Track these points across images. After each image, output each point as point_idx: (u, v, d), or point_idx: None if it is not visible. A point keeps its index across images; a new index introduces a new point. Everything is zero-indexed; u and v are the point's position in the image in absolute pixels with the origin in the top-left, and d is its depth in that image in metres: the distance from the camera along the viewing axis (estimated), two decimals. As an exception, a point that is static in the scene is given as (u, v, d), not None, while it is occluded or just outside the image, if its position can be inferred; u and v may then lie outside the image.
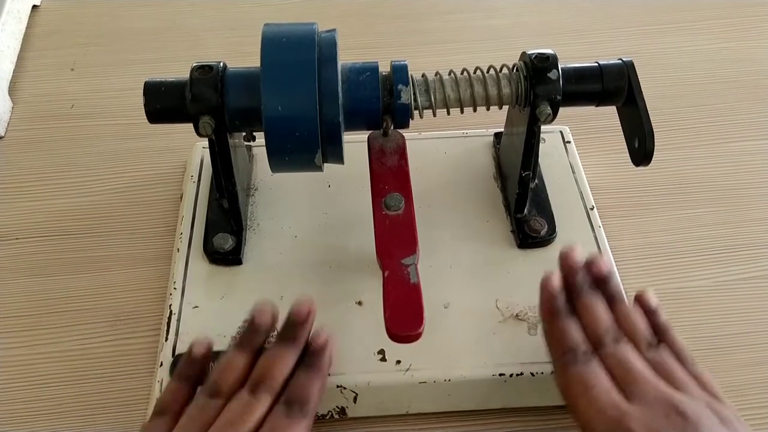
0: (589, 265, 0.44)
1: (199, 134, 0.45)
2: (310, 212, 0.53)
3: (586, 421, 0.38)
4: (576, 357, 0.40)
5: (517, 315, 0.47)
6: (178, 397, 0.41)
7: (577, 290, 0.43)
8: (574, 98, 0.47)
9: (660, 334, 0.42)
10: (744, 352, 0.50)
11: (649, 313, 0.43)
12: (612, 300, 0.43)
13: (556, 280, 0.43)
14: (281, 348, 0.42)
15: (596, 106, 0.48)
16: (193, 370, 0.42)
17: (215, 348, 0.46)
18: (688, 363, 0.41)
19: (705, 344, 0.50)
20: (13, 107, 0.66)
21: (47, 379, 0.49)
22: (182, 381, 0.42)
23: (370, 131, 0.48)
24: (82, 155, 0.62)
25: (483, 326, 0.47)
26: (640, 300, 0.44)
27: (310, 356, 0.42)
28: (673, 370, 0.40)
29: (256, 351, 0.42)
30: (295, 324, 0.42)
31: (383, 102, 0.45)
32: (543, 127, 0.48)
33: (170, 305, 0.48)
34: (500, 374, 0.45)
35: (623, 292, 0.44)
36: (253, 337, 0.42)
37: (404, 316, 0.39)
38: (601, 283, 0.44)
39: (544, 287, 0.43)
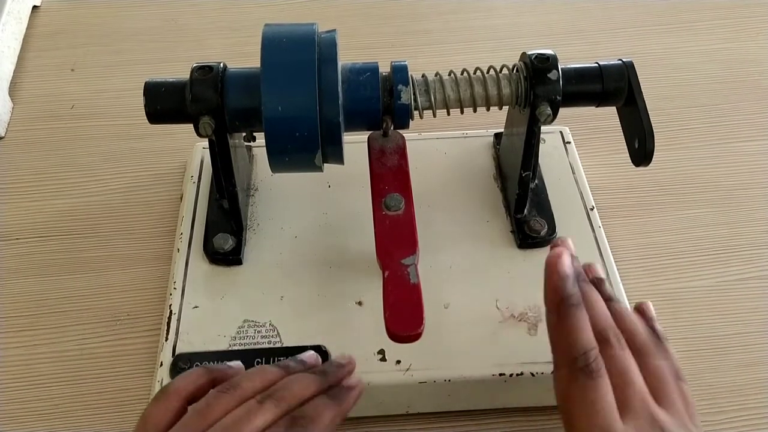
0: (586, 267, 0.43)
1: (199, 135, 0.45)
2: (310, 212, 0.53)
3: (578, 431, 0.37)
4: (587, 364, 0.36)
5: (517, 315, 0.47)
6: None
7: (580, 281, 0.40)
8: (574, 99, 0.47)
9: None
10: (743, 352, 0.50)
11: (647, 320, 0.42)
12: (609, 300, 0.41)
13: (568, 259, 0.38)
14: (309, 374, 0.39)
15: (596, 106, 0.48)
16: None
17: (215, 348, 0.46)
18: (680, 375, 0.40)
19: (704, 344, 0.50)
20: (13, 107, 0.66)
21: (46, 379, 0.49)
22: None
23: (370, 131, 0.48)
24: (82, 155, 0.62)
25: (483, 326, 0.47)
26: (639, 309, 0.43)
27: (338, 388, 0.39)
28: (666, 385, 0.38)
29: (287, 371, 0.40)
30: (333, 363, 0.40)
31: (383, 102, 0.45)
32: (543, 128, 0.48)
33: (170, 305, 0.48)
34: (500, 374, 0.45)
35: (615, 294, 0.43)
36: (293, 365, 0.41)
37: (404, 316, 0.39)
38: (598, 284, 0.42)
39: (553, 269, 0.38)
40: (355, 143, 0.49)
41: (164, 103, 0.45)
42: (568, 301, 0.37)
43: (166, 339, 0.46)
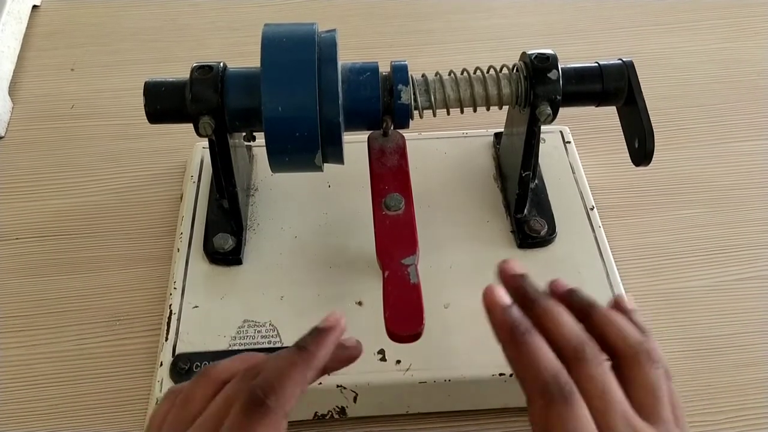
0: (551, 285, 0.38)
1: (199, 134, 0.45)
2: (310, 212, 0.53)
3: None
4: (560, 389, 0.32)
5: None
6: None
7: (530, 298, 0.36)
8: (574, 98, 0.47)
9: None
10: (741, 352, 0.50)
11: (626, 314, 0.37)
12: (591, 306, 0.36)
13: (501, 292, 0.35)
14: (290, 348, 0.34)
15: (596, 106, 0.48)
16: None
17: (215, 348, 0.46)
18: (667, 377, 0.35)
19: (702, 344, 0.50)
20: (13, 107, 0.66)
21: (45, 379, 0.49)
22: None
23: (370, 131, 0.48)
24: (82, 155, 0.62)
25: (483, 326, 0.46)
26: (616, 305, 0.38)
27: (307, 336, 0.34)
28: (655, 399, 0.34)
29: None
30: (315, 329, 0.35)
31: (383, 102, 0.45)
32: (543, 128, 0.48)
33: (170, 305, 0.48)
34: (500, 374, 0.45)
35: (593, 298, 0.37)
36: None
37: (404, 316, 0.39)
38: (570, 296, 0.37)
39: (489, 304, 0.35)
40: (355, 143, 0.49)
41: (164, 102, 0.45)
42: (516, 330, 0.34)
43: (166, 339, 0.46)
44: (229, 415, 0.32)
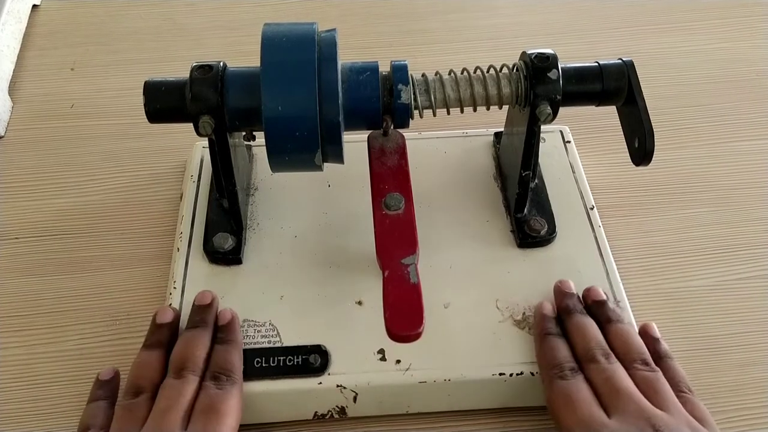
0: (587, 290, 0.47)
1: (199, 134, 0.45)
2: (310, 212, 0.53)
3: None
4: (563, 371, 0.42)
5: (517, 315, 0.47)
6: (99, 412, 0.43)
7: (570, 311, 0.46)
8: (574, 98, 0.47)
9: (659, 360, 0.44)
10: (742, 351, 0.50)
11: (651, 340, 0.45)
12: (609, 321, 0.45)
13: (549, 306, 0.46)
14: (192, 331, 0.45)
15: (596, 105, 0.48)
16: (108, 387, 0.45)
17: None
18: (682, 388, 0.42)
19: (703, 344, 0.50)
20: (13, 107, 0.66)
21: (45, 379, 0.49)
22: (98, 400, 0.44)
23: (370, 131, 0.48)
24: (81, 155, 0.62)
25: (483, 326, 0.47)
26: (641, 330, 0.46)
27: (223, 331, 0.45)
28: (661, 389, 0.41)
29: (166, 346, 0.45)
30: (201, 308, 0.46)
31: (383, 102, 0.45)
32: (543, 127, 0.48)
33: (170, 304, 0.48)
34: (500, 374, 0.45)
35: (623, 316, 0.46)
36: (158, 335, 0.45)
37: (404, 316, 0.39)
38: (598, 306, 0.46)
39: (538, 311, 0.46)
40: (355, 143, 0.49)
41: (164, 102, 0.45)
42: (546, 331, 0.45)
43: (166, 338, 0.46)
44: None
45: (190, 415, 0.40)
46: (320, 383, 0.44)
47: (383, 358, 0.45)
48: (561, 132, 0.59)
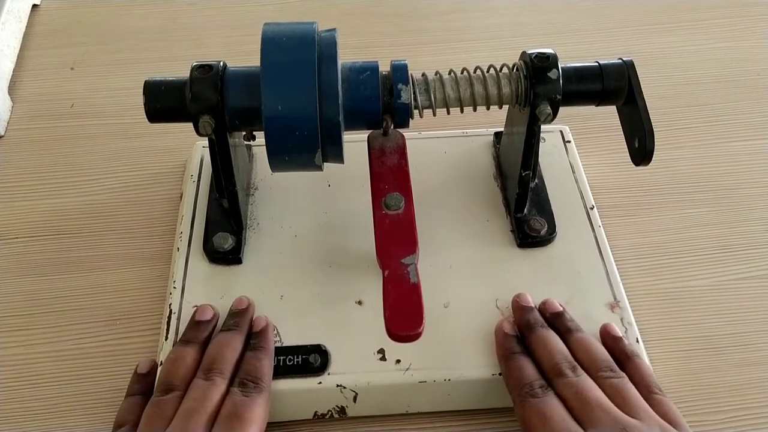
0: (543, 303, 0.47)
1: (198, 134, 0.45)
2: (310, 212, 0.53)
3: None
4: (533, 390, 0.41)
5: (516, 315, 0.47)
6: (135, 408, 0.43)
7: (531, 326, 0.45)
8: (574, 98, 0.47)
9: (624, 360, 0.44)
10: (741, 351, 0.50)
11: (614, 341, 0.45)
12: (569, 331, 0.45)
13: (508, 324, 0.46)
14: (226, 334, 0.45)
15: (596, 105, 0.48)
16: (145, 381, 0.45)
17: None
18: (652, 389, 0.42)
19: (702, 344, 0.50)
20: (13, 106, 0.66)
21: (44, 379, 0.49)
22: (135, 395, 0.44)
23: (370, 131, 0.48)
24: (81, 154, 0.62)
25: (483, 326, 0.47)
26: (603, 331, 0.46)
27: (256, 337, 0.45)
28: (629, 396, 0.41)
29: (202, 344, 0.45)
30: (237, 313, 0.46)
31: (383, 101, 0.45)
32: (543, 127, 0.48)
33: (170, 304, 0.48)
34: (500, 374, 0.45)
35: (580, 325, 0.46)
36: (197, 332, 0.45)
37: (404, 316, 0.39)
38: (557, 318, 0.46)
39: (498, 332, 0.46)
40: (355, 142, 0.49)
41: (164, 101, 0.45)
42: (510, 351, 0.44)
43: (166, 338, 0.46)
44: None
45: (214, 419, 0.40)
46: (320, 383, 0.44)
47: (383, 358, 0.45)
48: (561, 132, 0.59)
